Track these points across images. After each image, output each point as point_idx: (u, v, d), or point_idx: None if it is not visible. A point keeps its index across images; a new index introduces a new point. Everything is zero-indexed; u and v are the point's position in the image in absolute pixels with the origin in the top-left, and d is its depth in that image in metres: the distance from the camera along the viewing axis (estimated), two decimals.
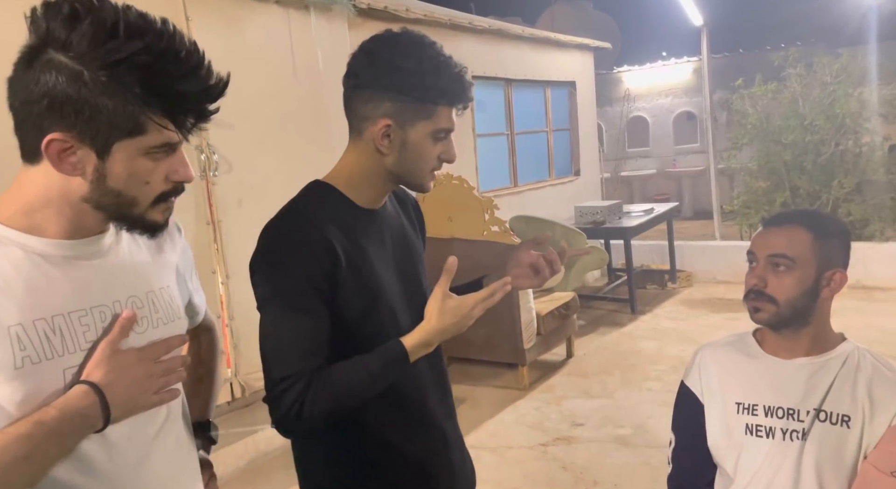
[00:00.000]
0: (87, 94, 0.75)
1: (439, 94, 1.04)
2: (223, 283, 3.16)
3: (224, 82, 0.82)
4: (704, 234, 8.29)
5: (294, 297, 1.01)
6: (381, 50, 1.03)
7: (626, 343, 4.55)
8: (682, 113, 12.07)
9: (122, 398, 0.81)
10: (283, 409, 0.99)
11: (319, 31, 3.61)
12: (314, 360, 1.00)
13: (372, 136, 1.05)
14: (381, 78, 1.02)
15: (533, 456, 3.06)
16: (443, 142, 1.08)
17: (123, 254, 0.90)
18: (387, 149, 1.06)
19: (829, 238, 1.21)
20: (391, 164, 1.07)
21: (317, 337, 1.01)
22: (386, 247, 1.12)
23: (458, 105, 1.07)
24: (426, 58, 1.03)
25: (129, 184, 0.81)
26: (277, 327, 1.01)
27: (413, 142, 1.05)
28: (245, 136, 3.12)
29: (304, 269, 1.01)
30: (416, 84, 1.02)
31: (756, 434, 1.23)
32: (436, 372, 1.20)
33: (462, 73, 1.06)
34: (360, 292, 1.06)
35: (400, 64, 1.01)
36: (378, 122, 1.04)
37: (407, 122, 1.04)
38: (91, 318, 0.83)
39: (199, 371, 1.16)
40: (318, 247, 1.02)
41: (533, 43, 6.01)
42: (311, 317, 1.01)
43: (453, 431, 1.23)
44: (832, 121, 5.54)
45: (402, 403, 1.12)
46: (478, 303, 1.04)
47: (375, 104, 1.04)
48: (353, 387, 1.01)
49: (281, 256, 1.02)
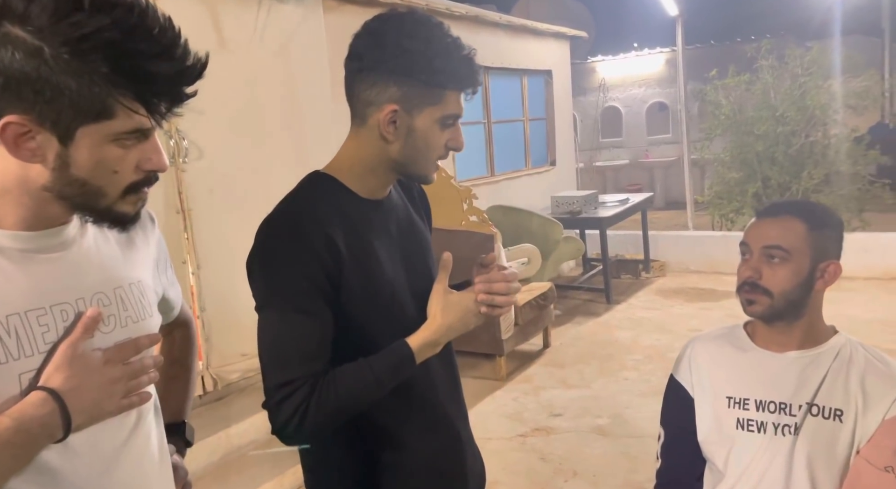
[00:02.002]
0: (47, 72, 0.68)
1: (448, 78, 0.97)
2: (194, 274, 3.06)
3: (202, 63, 0.75)
4: (676, 223, 8.39)
5: (295, 298, 0.95)
6: (386, 30, 0.96)
7: (602, 333, 4.57)
8: (655, 103, 12.17)
9: (86, 404, 0.74)
10: (284, 416, 0.93)
11: (293, 15, 3.50)
12: (317, 364, 0.95)
13: (377, 123, 0.98)
14: (388, 60, 0.95)
15: (512, 447, 3.05)
16: (450, 128, 1.02)
17: (89, 246, 0.83)
18: (392, 136, 0.99)
19: (824, 229, 1.19)
20: (396, 153, 1.01)
21: (320, 339, 0.96)
22: (392, 239, 1.06)
23: (468, 89, 1.01)
24: (435, 39, 0.96)
25: (96, 173, 0.74)
26: (278, 330, 0.95)
27: (420, 128, 0.99)
28: (217, 121, 3.01)
29: (305, 268, 0.95)
30: (424, 67, 0.95)
31: (747, 428, 1.21)
32: (448, 370, 1.15)
33: (471, 56, 0.99)
34: (366, 289, 1.00)
35: (407, 45, 0.95)
36: (384, 107, 0.97)
37: (414, 107, 0.98)
38: (51, 318, 0.76)
39: (173, 369, 1.09)
40: (320, 245, 0.95)
41: (510, 31, 5.96)
42: (313, 319, 0.95)
43: (465, 431, 1.19)
44: (803, 112, 5.63)
45: (415, 403, 1.08)
46: (478, 293, 1.01)
47: (381, 88, 0.97)
48: (359, 391, 0.97)
49: (280, 255, 0.95)
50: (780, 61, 5.96)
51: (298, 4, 3.52)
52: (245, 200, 3.18)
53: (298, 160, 3.48)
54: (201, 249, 3.05)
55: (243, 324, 3.03)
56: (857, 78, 5.96)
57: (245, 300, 1.01)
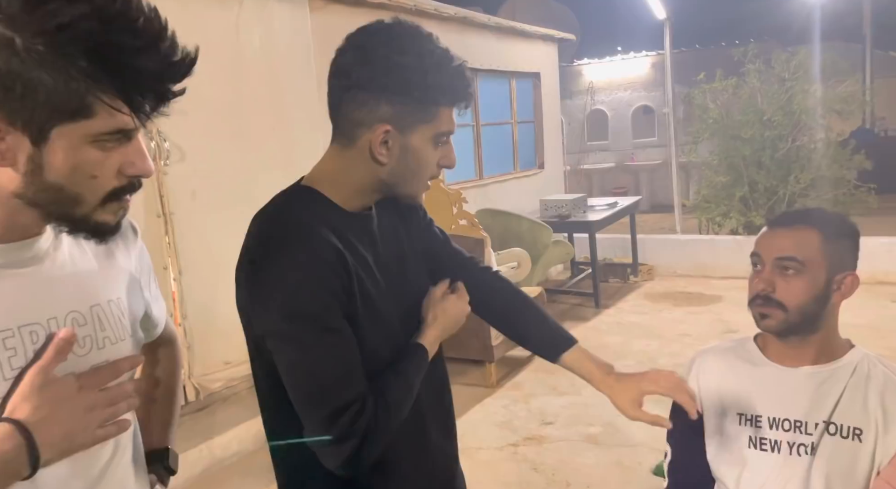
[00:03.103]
0: (18, 66, 0.60)
1: (442, 93, 0.92)
2: (175, 280, 2.97)
3: (191, 58, 0.67)
4: (662, 227, 8.40)
5: (324, 318, 0.88)
6: (375, 45, 0.90)
7: (591, 338, 4.53)
8: (640, 107, 12.22)
9: (57, 437, 0.66)
10: (356, 441, 0.87)
11: (278, 14, 3.42)
12: (364, 381, 0.91)
13: (367, 144, 0.92)
14: (378, 77, 0.89)
15: (503, 457, 2.99)
16: (443, 146, 0.96)
17: (63, 260, 0.76)
18: (385, 157, 0.92)
19: (840, 239, 1.14)
20: (387, 174, 0.94)
21: (357, 356, 0.91)
22: (380, 257, 1.01)
23: (462, 103, 0.95)
24: (426, 53, 0.90)
25: (73, 178, 0.66)
26: (315, 355, 0.88)
27: (414, 148, 0.93)
28: (199, 123, 2.92)
29: (325, 285, 0.88)
30: (418, 83, 0.89)
31: (760, 447, 1.16)
32: (436, 387, 1.10)
33: (463, 68, 0.94)
34: (365, 305, 0.94)
35: (398, 61, 0.88)
36: (375, 128, 0.90)
37: (407, 126, 0.91)
38: (18, 340, 0.68)
39: (156, 391, 1.01)
40: (332, 257, 0.89)
41: (498, 32, 5.92)
42: (344, 336, 0.90)
43: (453, 450, 1.16)
44: (790, 117, 5.64)
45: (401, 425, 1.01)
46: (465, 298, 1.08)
47: (371, 108, 0.90)
48: (402, 402, 0.96)
49: (296, 273, 0.88)
50: (766, 65, 5.98)
51: (282, 3, 3.44)
52: (229, 204, 3.09)
53: (284, 162, 3.39)
54: (183, 255, 2.96)
55: (227, 332, 2.94)
56: (843, 83, 6.00)
57: (229, 307, 0.94)
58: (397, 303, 1.02)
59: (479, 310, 1.19)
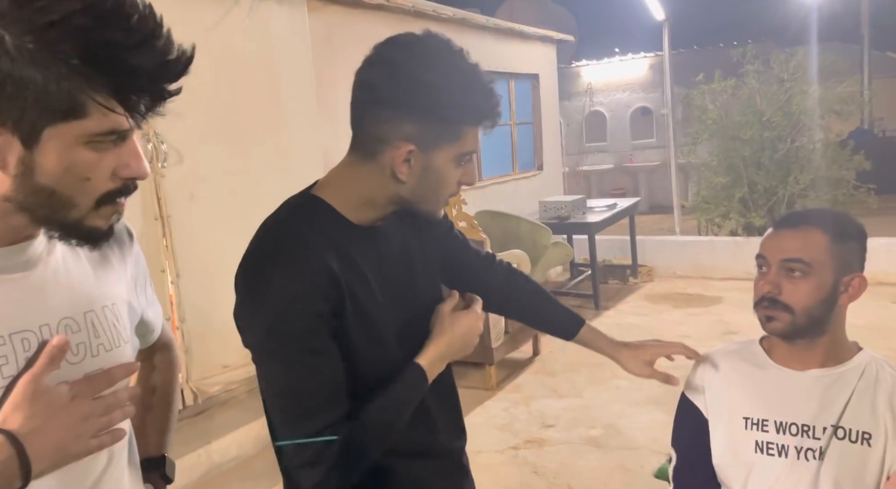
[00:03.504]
0: (8, 64, 0.59)
1: (469, 113, 0.89)
2: (173, 283, 2.94)
3: (188, 57, 0.65)
4: (661, 228, 8.39)
5: (307, 339, 0.86)
6: (403, 60, 0.87)
7: None
8: (638, 108, 12.22)
9: (49, 448, 0.64)
10: (324, 469, 0.85)
11: (276, 16, 3.40)
12: (344, 405, 0.88)
13: (389, 161, 0.89)
14: (404, 95, 0.86)
15: (504, 460, 2.97)
16: (465, 165, 0.94)
17: (56, 265, 0.74)
18: (406, 176, 0.90)
19: (848, 240, 1.13)
20: (406, 191, 0.92)
21: (338, 378, 0.88)
22: (385, 272, 0.98)
23: (488, 123, 0.93)
24: (456, 71, 0.87)
25: (65, 180, 0.64)
26: (292, 376, 0.86)
27: (436, 167, 0.91)
28: (196, 124, 2.90)
29: (311, 305, 0.85)
30: (444, 103, 0.86)
31: (767, 452, 1.14)
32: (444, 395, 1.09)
33: (492, 88, 0.91)
34: (360, 324, 0.92)
35: (426, 79, 0.85)
36: (399, 146, 0.88)
37: (431, 145, 0.89)
38: (10, 348, 0.66)
39: (152, 398, 0.99)
40: (322, 278, 0.86)
41: (497, 34, 5.91)
42: (327, 358, 0.87)
43: (461, 454, 1.15)
44: (789, 118, 5.63)
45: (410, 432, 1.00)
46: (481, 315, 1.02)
47: (395, 125, 0.88)
48: (389, 425, 0.91)
49: (282, 291, 0.85)
50: (765, 66, 5.97)
51: (280, 4, 3.42)
52: (226, 206, 3.07)
53: (282, 164, 3.38)
54: (181, 257, 2.94)
55: (224, 335, 2.91)
56: (842, 83, 6.00)
57: (227, 310, 0.92)
58: (401, 320, 0.99)
59: (502, 308, 1.27)
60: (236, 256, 0.91)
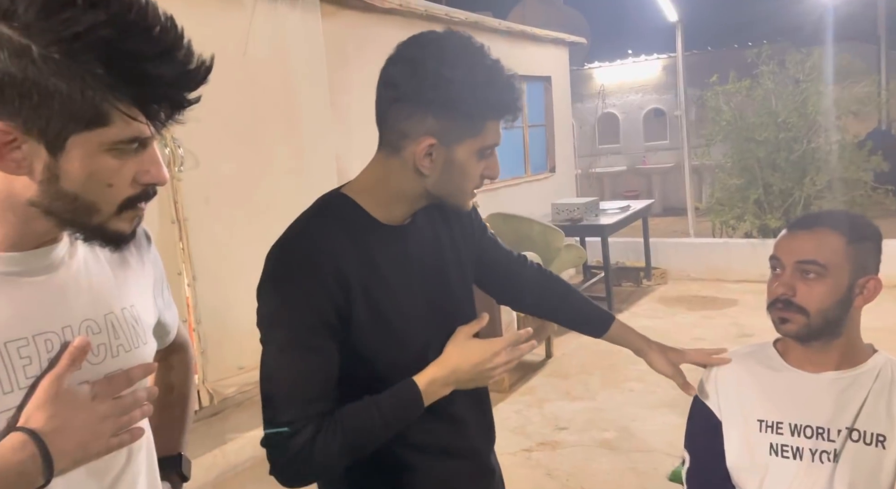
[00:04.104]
0: (35, 74, 0.60)
1: (490, 107, 0.91)
2: (189, 285, 2.97)
3: (207, 66, 0.67)
4: (675, 230, 8.34)
5: (302, 333, 0.88)
6: (425, 58, 0.89)
7: (604, 342, 4.47)
8: (651, 110, 12.16)
9: (71, 446, 0.66)
10: (287, 456, 0.87)
11: (290, 21, 3.44)
12: (323, 404, 0.89)
13: (412, 155, 0.92)
14: (427, 91, 0.88)
15: (517, 462, 2.97)
16: (487, 158, 0.96)
17: (78, 268, 0.76)
18: (428, 169, 0.92)
19: (863, 242, 1.12)
20: (431, 185, 0.94)
21: (326, 378, 0.89)
22: (411, 269, 0.99)
23: (509, 116, 0.95)
24: (476, 67, 0.90)
25: (89, 186, 0.66)
26: (282, 365, 0.89)
27: (458, 161, 0.93)
28: (213, 129, 2.93)
29: (313, 303, 0.88)
30: (466, 98, 0.88)
31: (782, 454, 1.14)
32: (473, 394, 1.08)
33: (513, 81, 0.93)
34: (378, 326, 0.93)
35: (448, 75, 0.88)
36: (420, 140, 0.90)
37: (453, 140, 0.91)
38: (33, 349, 0.68)
39: (169, 398, 1.01)
40: (330, 279, 0.89)
41: (509, 37, 5.92)
42: (319, 357, 0.89)
43: (490, 455, 1.17)
44: (804, 118, 5.58)
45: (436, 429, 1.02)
46: (502, 348, 0.96)
47: (417, 120, 0.90)
48: (365, 434, 0.90)
49: (289, 287, 0.89)
50: (780, 67, 5.92)
51: (295, 9, 3.46)
52: (242, 210, 3.10)
53: (296, 169, 3.41)
54: (197, 260, 2.97)
55: (240, 337, 2.94)
56: (858, 84, 5.93)
57: (242, 312, 0.95)
58: (431, 320, 1.00)
59: (536, 307, 1.29)
60: (251, 259, 0.93)
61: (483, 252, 1.18)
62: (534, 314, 1.34)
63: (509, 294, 1.28)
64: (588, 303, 1.32)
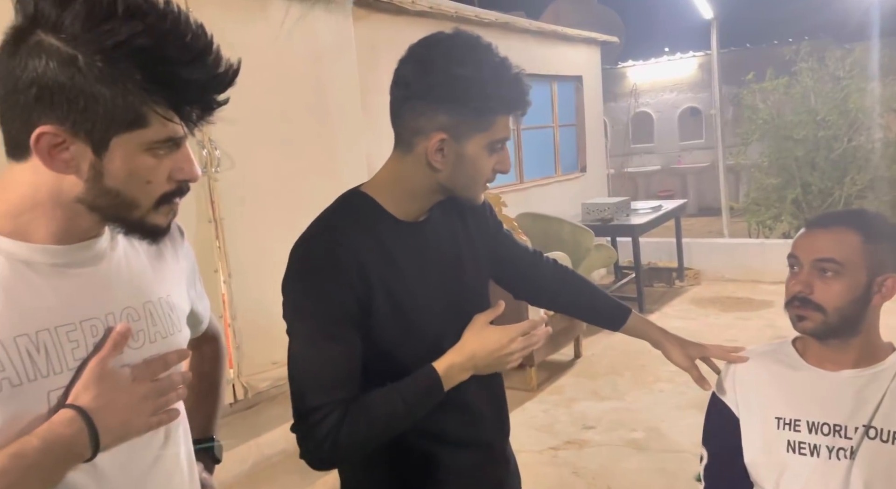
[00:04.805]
0: (81, 81, 0.66)
1: (499, 103, 0.95)
2: (225, 282, 3.08)
3: (234, 70, 0.73)
4: (710, 230, 8.20)
5: (325, 324, 0.93)
6: (434, 57, 0.94)
7: (634, 343, 4.38)
8: (687, 108, 11.97)
9: (114, 423, 0.72)
10: (315, 440, 0.92)
11: (323, 25, 3.52)
12: (348, 390, 0.94)
13: (424, 151, 0.96)
14: (436, 89, 0.93)
15: (543, 460, 2.98)
16: (498, 152, 0.99)
17: (119, 260, 0.82)
18: (440, 164, 0.96)
19: (881, 240, 1.12)
20: (444, 179, 0.99)
21: (349, 366, 0.94)
22: (428, 264, 1.03)
23: (518, 111, 0.98)
24: (485, 64, 0.93)
25: (129, 183, 0.72)
26: (308, 354, 0.94)
27: (469, 155, 0.97)
28: (248, 131, 3.03)
29: (336, 295, 0.93)
30: (475, 94, 0.92)
31: (799, 451, 1.14)
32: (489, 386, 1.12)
33: (520, 76, 0.96)
34: (396, 318, 0.98)
35: (457, 72, 0.92)
36: (431, 136, 0.95)
37: (463, 135, 0.95)
38: (80, 334, 0.74)
39: (201, 385, 1.07)
40: (352, 272, 0.94)
41: (539, 37, 5.92)
42: (343, 346, 0.94)
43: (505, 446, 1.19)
44: (845, 116, 5.45)
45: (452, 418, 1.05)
46: (518, 334, 0.98)
47: (429, 117, 0.94)
48: (389, 418, 0.95)
49: (313, 280, 0.94)
50: (820, 64, 5.79)
51: (328, 13, 3.54)
52: (276, 209, 3.19)
53: (329, 169, 3.49)
54: (233, 258, 3.07)
55: (274, 333, 3.01)
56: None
57: (276, 309, 1.00)
58: (446, 313, 1.04)
59: (553, 301, 1.32)
60: (285, 257, 0.99)
61: (499, 247, 1.21)
62: (550, 308, 1.37)
63: (526, 289, 1.31)
64: (605, 296, 1.33)
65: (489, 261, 1.17)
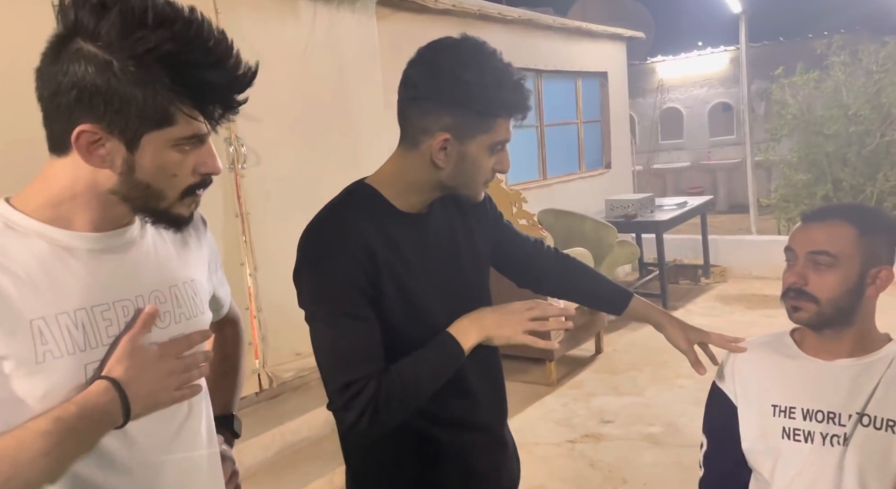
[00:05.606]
0: (116, 84, 0.74)
1: (500, 106, 1.01)
2: (251, 275, 3.19)
3: (252, 72, 0.80)
4: (740, 228, 8.08)
5: (344, 304, 0.99)
6: (442, 60, 1.00)
7: (656, 339, 4.39)
8: (718, 104, 11.78)
9: (143, 394, 0.81)
10: (355, 414, 0.98)
11: (347, 24, 3.60)
12: (378, 363, 1.00)
13: (428, 149, 1.02)
14: (442, 91, 0.99)
15: (560, 453, 3.02)
16: (498, 153, 1.05)
17: (148, 247, 0.90)
18: (443, 162, 1.03)
19: (875, 233, 1.14)
20: (446, 177, 1.05)
21: (373, 340, 1.01)
22: (429, 254, 1.10)
23: (518, 115, 1.04)
24: (489, 69, 0.99)
25: (158, 176, 0.80)
26: (333, 335, 1.00)
27: (471, 155, 1.03)
28: (273, 129, 3.13)
29: (349, 276, 0.99)
30: (478, 97, 0.98)
31: (794, 438, 1.17)
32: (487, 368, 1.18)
33: (522, 82, 1.02)
34: (401, 300, 1.04)
35: (462, 76, 0.98)
36: (436, 135, 1.01)
37: (466, 135, 1.01)
38: (113, 313, 0.82)
39: (223, 365, 1.15)
40: (360, 253, 1.00)
41: (564, 33, 5.92)
42: (363, 322, 1.00)
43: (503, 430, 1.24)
44: (878, 111, 5.32)
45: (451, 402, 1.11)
46: (536, 305, 1.06)
47: (434, 117, 1.01)
48: (421, 383, 1.01)
49: (326, 264, 1.01)
50: (852, 57, 5.66)
51: (352, 13, 3.62)
52: (300, 205, 3.25)
53: (352, 166, 3.56)
54: (258, 252, 3.18)
55: (298, 325, 3.08)
56: None
57: None
58: (446, 302, 1.10)
59: (556, 289, 1.36)
60: None
61: (500, 238, 1.26)
62: (553, 295, 1.40)
63: (528, 277, 1.36)
64: (607, 282, 1.37)
65: (489, 251, 1.22)
